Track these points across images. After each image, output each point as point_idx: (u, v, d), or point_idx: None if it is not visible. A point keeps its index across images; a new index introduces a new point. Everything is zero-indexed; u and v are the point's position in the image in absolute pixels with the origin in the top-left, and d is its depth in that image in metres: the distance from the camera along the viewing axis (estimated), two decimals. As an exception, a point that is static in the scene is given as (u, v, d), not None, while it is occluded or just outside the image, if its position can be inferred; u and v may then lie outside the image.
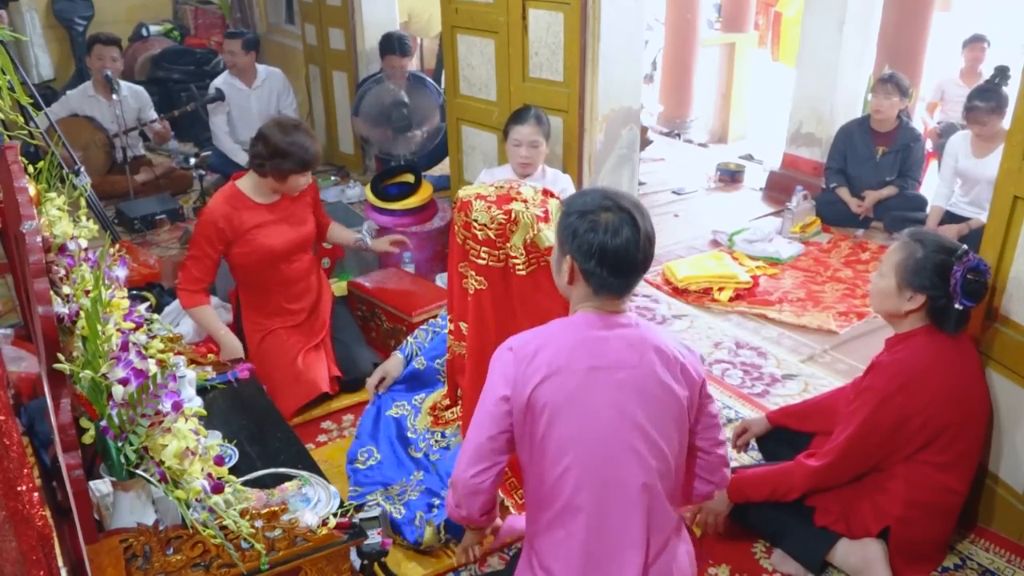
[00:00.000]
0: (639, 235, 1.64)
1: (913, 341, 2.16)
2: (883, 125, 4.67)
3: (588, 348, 1.66)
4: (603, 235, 1.62)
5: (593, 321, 1.69)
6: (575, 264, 1.66)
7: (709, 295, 3.95)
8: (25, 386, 2.36)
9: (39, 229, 1.75)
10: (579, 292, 1.71)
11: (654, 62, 8.14)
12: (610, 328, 1.68)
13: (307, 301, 3.15)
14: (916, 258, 2.11)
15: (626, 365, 1.65)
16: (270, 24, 6.68)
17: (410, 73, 5.03)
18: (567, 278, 1.70)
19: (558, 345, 1.66)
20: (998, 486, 2.37)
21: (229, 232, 2.89)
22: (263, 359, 2.97)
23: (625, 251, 1.63)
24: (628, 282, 1.69)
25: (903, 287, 2.14)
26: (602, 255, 1.62)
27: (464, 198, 2.30)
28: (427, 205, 4.23)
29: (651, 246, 1.69)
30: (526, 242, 2.23)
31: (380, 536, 1.80)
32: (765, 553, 2.34)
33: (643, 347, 1.68)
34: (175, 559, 1.49)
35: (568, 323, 1.72)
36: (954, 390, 2.13)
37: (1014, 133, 2.22)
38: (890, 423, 2.11)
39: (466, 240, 2.29)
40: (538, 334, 1.70)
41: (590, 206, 1.66)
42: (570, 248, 1.66)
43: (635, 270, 1.67)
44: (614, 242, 1.62)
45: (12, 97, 1.81)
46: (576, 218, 1.65)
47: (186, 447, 1.51)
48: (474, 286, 2.31)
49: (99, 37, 5.12)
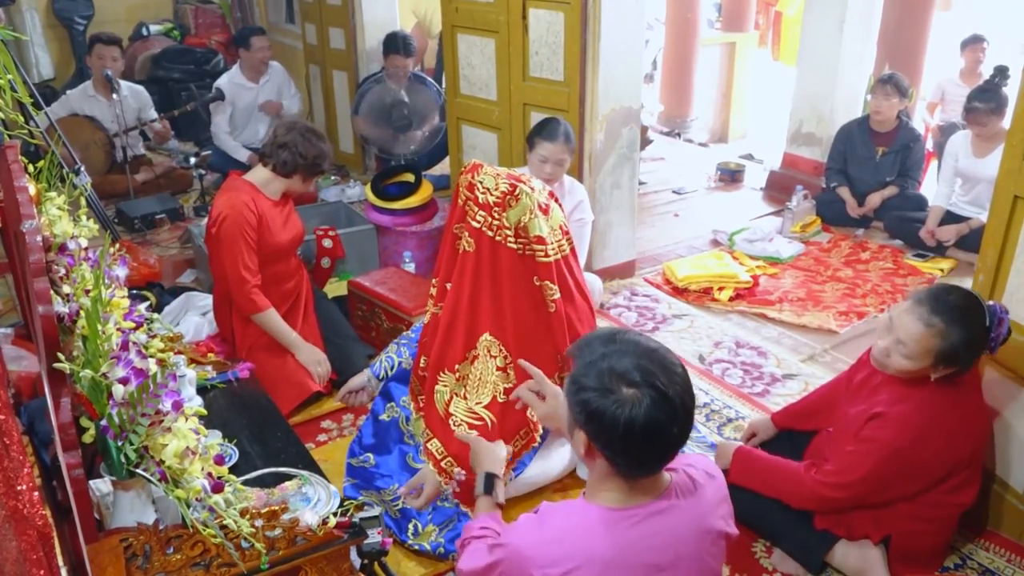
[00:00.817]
0: (676, 412, 1.34)
1: (920, 388, 2.08)
2: (883, 125, 4.67)
3: (620, 564, 1.37)
4: (630, 413, 1.31)
5: (621, 520, 1.39)
6: (592, 444, 1.39)
7: (709, 295, 3.95)
8: (25, 385, 2.36)
9: (39, 228, 1.75)
10: (600, 470, 1.43)
11: (654, 62, 8.14)
12: (644, 521, 1.40)
13: (292, 299, 3.16)
14: (954, 343, 1.98)
15: (664, 567, 1.39)
16: (270, 23, 6.68)
17: (411, 72, 5.04)
18: (583, 451, 1.42)
19: (587, 569, 1.37)
20: (999, 487, 2.36)
21: (257, 219, 2.91)
22: (260, 359, 2.96)
23: (656, 432, 1.33)
24: (664, 461, 1.41)
25: (938, 366, 2.03)
26: (628, 440, 1.33)
27: (476, 162, 2.37)
28: (427, 204, 4.23)
29: (689, 423, 1.38)
30: (519, 224, 2.28)
31: (380, 536, 1.80)
32: (765, 553, 2.34)
33: (685, 539, 1.42)
34: (175, 558, 1.49)
35: (595, 528, 1.40)
36: (963, 429, 2.10)
37: (1014, 133, 2.22)
38: (898, 472, 2.09)
39: (467, 201, 2.35)
40: (567, 555, 1.38)
41: (607, 379, 1.34)
42: (585, 426, 1.38)
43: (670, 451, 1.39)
44: (641, 424, 1.31)
45: (13, 96, 1.81)
46: (594, 395, 1.35)
47: (186, 446, 1.51)
48: (464, 247, 2.38)
49: (100, 37, 5.13)
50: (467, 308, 2.41)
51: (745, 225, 4.66)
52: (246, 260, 2.88)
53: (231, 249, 2.87)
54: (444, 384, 2.47)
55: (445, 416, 2.45)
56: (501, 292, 2.36)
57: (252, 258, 2.90)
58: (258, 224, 2.91)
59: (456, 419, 2.42)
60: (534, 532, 1.43)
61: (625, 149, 3.90)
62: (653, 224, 4.96)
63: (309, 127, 3.05)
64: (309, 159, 2.98)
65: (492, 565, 1.46)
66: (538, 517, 1.46)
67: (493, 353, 2.41)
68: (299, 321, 3.12)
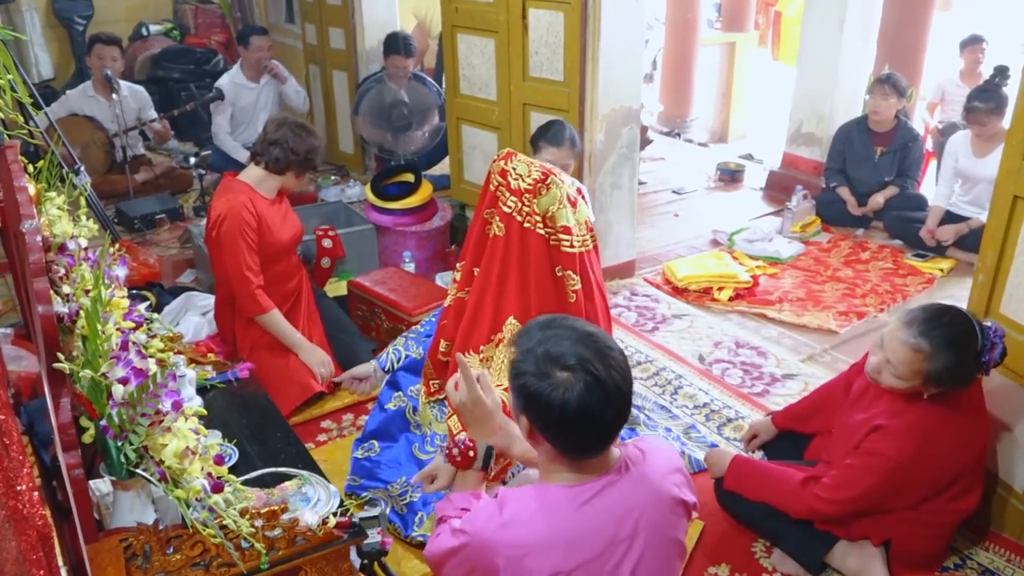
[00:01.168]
0: (610, 396, 1.36)
1: (921, 402, 2.08)
2: (881, 125, 4.67)
3: (582, 540, 1.40)
4: (563, 396, 1.35)
5: (577, 496, 1.42)
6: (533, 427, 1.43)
7: (709, 294, 3.95)
8: (25, 385, 2.35)
9: (39, 228, 1.75)
10: (546, 453, 1.46)
11: (654, 62, 8.14)
12: (598, 496, 1.42)
13: (293, 297, 3.16)
14: (943, 367, 1.98)
15: (624, 538, 1.42)
16: (270, 23, 6.68)
17: (411, 73, 5.04)
18: (526, 435, 1.46)
19: (551, 548, 1.39)
20: (1003, 490, 2.36)
21: (257, 219, 2.91)
22: (260, 359, 2.96)
23: (590, 415, 1.36)
24: (603, 444, 1.44)
25: (928, 386, 2.03)
26: (563, 423, 1.37)
27: (510, 150, 2.44)
28: (427, 204, 4.23)
29: (625, 406, 1.41)
30: (547, 212, 2.34)
31: (380, 536, 1.80)
32: (765, 553, 2.34)
33: (641, 507, 1.44)
34: (175, 558, 1.49)
35: (553, 508, 1.42)
36: (965, 439, 2.10)
37: (1014, 133, 2.22)
38: (899, 486, 2.09)
39: (499, 187, 2.40)
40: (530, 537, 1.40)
41: (542, 362, 1.38)
42: (524, 410, 1.42)
43: (609, 433, 1.42)
44: (574, 407, 1.35)
45: (12, 96, 1.81)
46: (531, 378, 1.38)
47: (186, 446, 1.51)
48: (495, 231, 2.43)
49: (99, 37, 5.12)
50: (495, 291, 2.45)
51: (745, 225, 4.66)
52: (248, 261, 2.88)
53: (232, 251, 2.87)
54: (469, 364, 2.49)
55: None
56: (528, 277, 2.41)
57: (254, 259, 2.90)
58: (258, 224, 2.91)
59: None
60: (495, 517, 1.45)
61: (625, 149, 3.90)
62: (653, 224, 4.96)
63: (299, 122, 3.03)
64: (301, 154, 2.97)
65: (455, 549, 1.47)
66: (497, 502, 1.48)
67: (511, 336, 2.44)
68: (300, 320, 3.13)
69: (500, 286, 2.43)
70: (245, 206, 2.87)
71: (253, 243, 2.90)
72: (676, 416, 2.98)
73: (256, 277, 2.91)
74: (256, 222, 2.90)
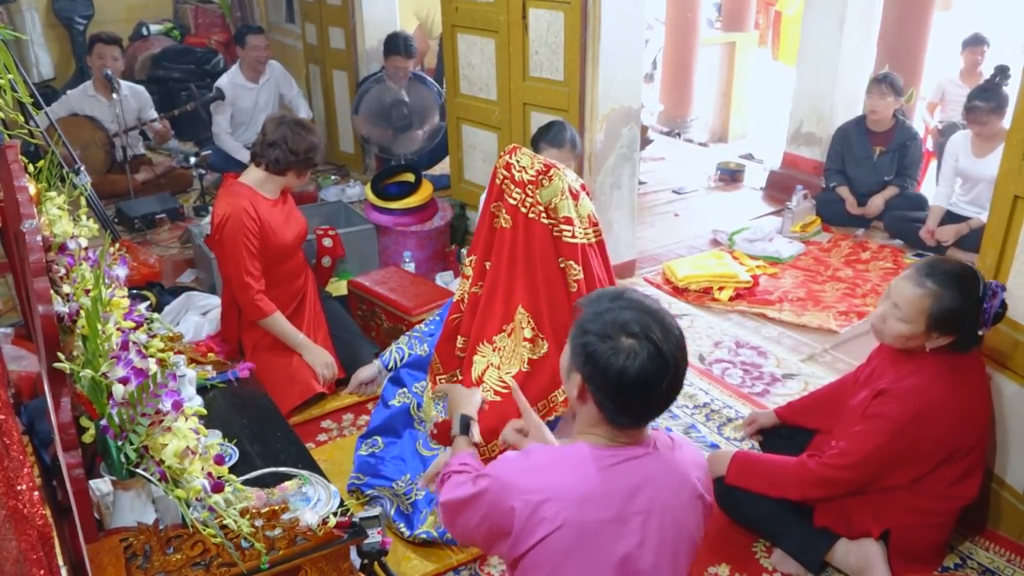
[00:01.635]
0: (667, 367, 1.40)
1: (924, 366, 2.11)
2: (879, 125, 4.67)
3: (598, 498, 1.42)
4: (624, 362, 1.38)
5: (603, 458, 1.45)
6: (586, 386, 1.45)
7: (709, 294, 3.95)
8: (25, 385, 2.35)
9: (39, 228, 1.75)
10: (589, 414, 1.48)
11: (654, 61, 8.14)
12: (623, 463, 1.45)
13: (299, 296, 3.16)
14: (947, 308, 2.03)
15: (637, 512, 1.43)
16: (270, 23, 6.68)
17: (411, 72, 5.04)
18: (576, 393, 1.47)
19: (566, 498, 1.41)
20: (1000, 488, 2.36)
21: (258, 222, 2.90)
22: (261, 358, 2.97)
23: (647, 383, 1.39)
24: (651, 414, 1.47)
25: (932, 332, 2.07)
26: (619, 386, 1.40)
27: (516, 145, 2.53)
28: (427, 204, 4.23)
29: (679, 381, 1.44)
30: (549, 204, 2.41)
31: (380, 535, 1.80)
32: (765, 553, 2.34)
33: (662, 488, 1.46)
34: (175, 558, 1.49)
35: (576, 462, 1.46)
36: (966, 413, 2.11)
37: (1014, 133, 2.22)
38: (902, 451, 2.10)
39: (504, 180, 2.47)
40: (547, 484, 1.43)
41: (608, 326, 1.41)
42: (582, 368, 1.44)
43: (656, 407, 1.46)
44: (634, 372, 1.38)
45: (13, 96, 1.81)
46: (595, 339, 1.41)
47: (186, 446, 1.51)
48: (502, 224, 2.49)
49: (100, 36, 5.13)
50: (505, 282, 2.49)
51: (745, 225, 4.66)
52: (248, 267, 2.88)
53: (233, 256, 2.88)
54: (482, 355, 2.52)
55: (478, 383, 2.50)
56: (535, 267, 2.45)
57: (254, 264, 2.90)
58: (260, 228, 2.90)
59: (486, 386, 2.48)
60: (519, 463, 1.49)
61: (625, 149, 3.90)
62: (653, 224, 4.96)
63: (297, 120, 3.02)
64: (300, 153, 2.96)
65: (476, 495, 1.48)
66: (524, 452, 1.54)
67: (523, 325, 2.48)
68: (305, 319, 3.13)
69: (509, 276, 2.48)
70: (246, 211, 2.86)
71: (255, 248, 2.89)
72: (676, 416, 2.98)
73: (257, 283, 2.91)
74: (259, 226, 2.90)
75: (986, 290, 2.04)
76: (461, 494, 1.51)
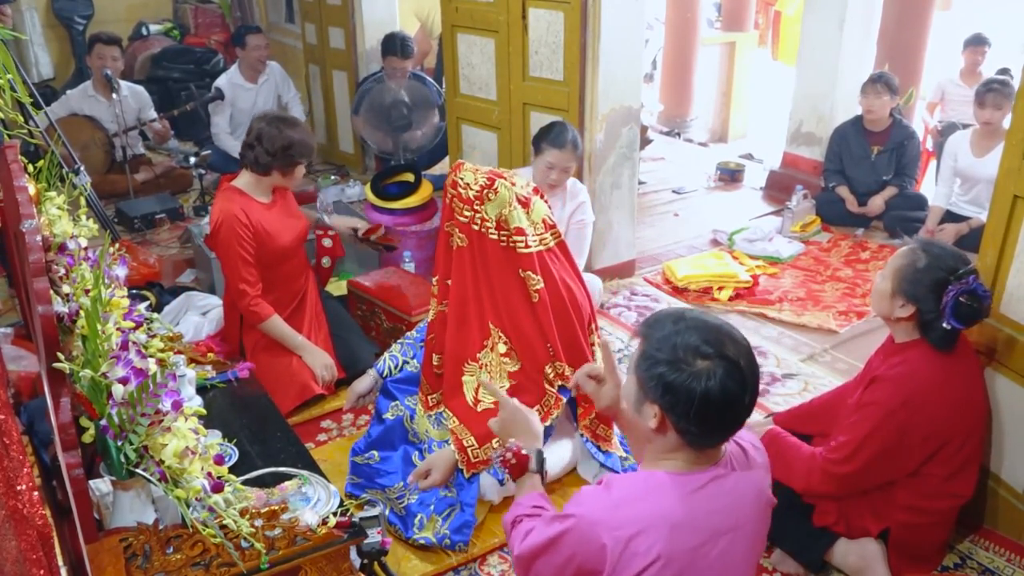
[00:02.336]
0: (747, 381, 1.40)
1: (913, 354, 2.14)
2: (876, 124, 4.67)
3: (688, 526, 1.40)
4: (706, 384, 1.36)
5: (687, 484, 1.42)
6: (666, 417, 1.42)
7: (709, 294, 3.95)
8: (25, 385, 2.36)
9: (39, 228, 1.75)
10: (668, 442, 1.45)
11: (654, 61, 8.14)
12: (708, 486, 1.43)
13: (300, 296, 3.15)
14: (916, 268, 2.10)
15: (725, 531, 1.43)
16: (270, 23, 6.68)
17: (410, 72, 5.03)
18: (655, 425, 1.43)
19: (657, 530, 1.38)
20: (999, 486, 2.36)
21: (250, 228, 2.89)
22: (261, 358, 2.96)
23: (731, 401, 1.39)
24: (736, 429, 1.47)
25: (897, 294, 2.13)
26: (704, 410, 1.37)
27: (460, 162, 2.49)
28: (427, 204, 4.22)
29: (757, 390, 1.44)
30: (499, 216, 2.38)
31: (380, 535, 1.80)
32: (765, 553, 2.34)
33: (747, 504, 1.46)
34: (175, 558, 1.49)
35: (664, 491, 1.42)
36: (957, 402, 2.12)
37: (1014, 133, 2.22)
38: (893, 438, 2.10)
39: (452, 199, 2.45)
40: (638, 517, 1.39)
41: (682, 351, 1.38)
42: (660, 400, 1.40)
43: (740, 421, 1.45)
44: (717, 393, 1.36)
45: (12, 96, 1.81)
46: (667, 368, 1.38)
47: (186, 446, 1.51)
48: (457, 243, 2.47)
49: (99, 36, 5.12)
50: (473, 300, 2.48)
51: (745, 225, 4.66)
52: (242, 273, 2.88)
53: (227, 263, 2.90)
54: (471, 374, 2.52)
55: (474, 403, 2.49)
56: (492, 282, 2.45)
57: (249, 271, 2.89)
58: (254, 234, 2.90)
59: (483, 404, 2.48)
60: (603, 498, 1.44)
61: (625, 149, 3.90)
62: (653, 224, 4.96)
63: (277, 115, 2.96)
64: (278, 152, 2.86)
65: (556, 538, 1.43)
66: (603, 486, 1.47)
67: (495, 341, 2.49)
68: (306, 319, 3.12)
69: (476, 294, 2.47)
70: (238, 218, 2.85)
71: (248, 255, 2.88)
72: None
73: (253, 288, 2.90)
74: (251, 232, 2.88)
75: (955, 279, 2.04)
76: (540, 539, 1.46)
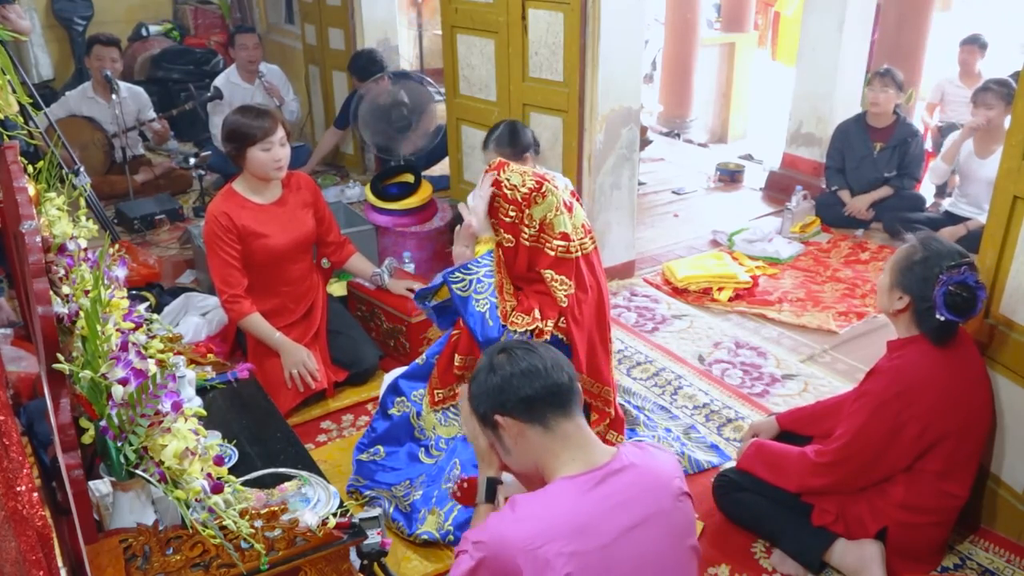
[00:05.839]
0: (543, 359, 1.56)
1: (912, 347, 2.15)
2: (880, 120, 4.67)
3: (592, 525, 1.43)
4: (508, 370, 1.55)
5: (585, 481, 1.48)
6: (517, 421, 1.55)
7: (709, 295, 3.95)
8: (25, 386, 2.35)
9: (38, 229, 1.75)
10: (533, 442, 1.55)
11: (654, 62, 8.15)
12: (605, 482, 1.48)
13: (307, 301, 3.15)
14: (911, 260, 2.12)
15: (633, 524, 1.46)
16: (270, 24, 6.68)
17: (410, 72, 5.03)
18: (513, 441, 1.57)
19: (564, 536, 1.41)
20: (998, 487, 2.36)
21: (234, 228, 2.89)
22: (261, 359, 2.97)
23: (535, 373, 1.54)
24: (562, 403, 1.55)
25: (894, 286, 2.15)
26: (516, 389, 1.54)
27: (502, 160, 2.44)
28: (427, 205, 4.23)
29: (560, 365, 1.58)
30: (544, 220, 2.35)
31: (380, 536, 1.80)
32: (765, 553, 2.34)
33: (650, 494, 1.50)
34: (175, 559, 1.49)
35: (563, 497, 1.47)
36: (954, 399, 2.12)
37: (1014, 133, 2.22)
38: (887, 429, 2.10)
39: (495, 197, 2.39)
40: (546, 527, 1.42)
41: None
42: (495, 412, 1.56)
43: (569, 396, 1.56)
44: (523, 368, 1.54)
45: (12, 96, 1.81)
46: (481, 388, 1.58)
47: (186, 447, 1.51)
48: (504, 243, 2.43)
49: (99, 38, 5.13)
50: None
51: (745, 225, 4.66)
52: (221, 272, 2.89)
53: (208, 261, 2.92)
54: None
55: None
56: (525, 284, 2.44)
57: (228, 271, 2.89)
58: (241, 236, 2.90)
59: None
60: (507, 518, 1.46)
61: (624, 149, 3.90)
62: (653, 224, 4.96)
63: (242, 106, 2.97)
64: (225, 141, 2.89)
65: (474, 569, 1.43)
66: (508, 505, 1.51)
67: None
68: (312, 330, 3.11)
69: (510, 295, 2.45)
70: (218, 220, 2.87)
71: (229, 256, 2.89)
72: (676, 416, 2.98)
73: (230, 288, 2.90)
74: (236, 233, 2.89)
75: (954, 267, 2.05)
76: (463, 568, 1.45)
